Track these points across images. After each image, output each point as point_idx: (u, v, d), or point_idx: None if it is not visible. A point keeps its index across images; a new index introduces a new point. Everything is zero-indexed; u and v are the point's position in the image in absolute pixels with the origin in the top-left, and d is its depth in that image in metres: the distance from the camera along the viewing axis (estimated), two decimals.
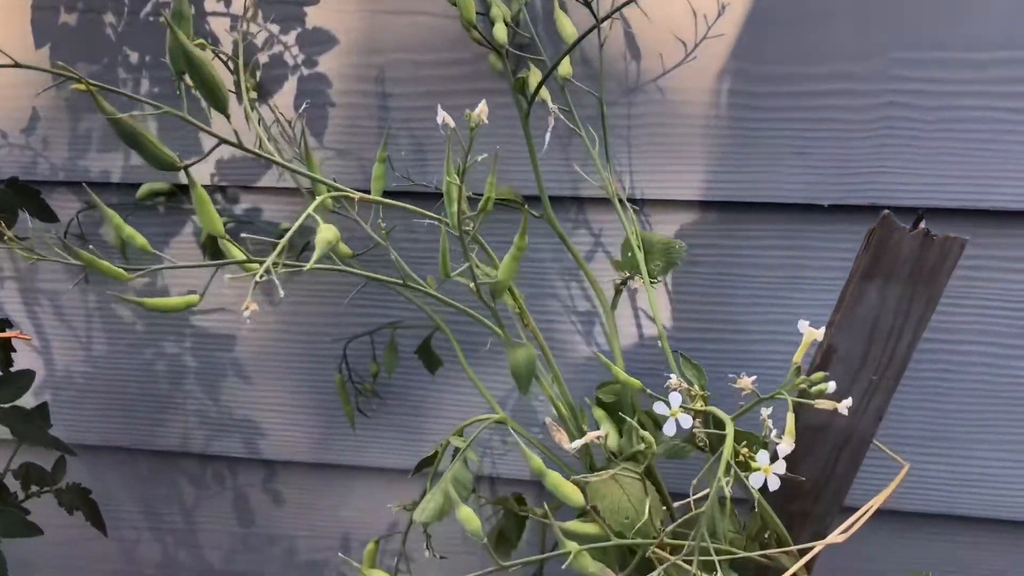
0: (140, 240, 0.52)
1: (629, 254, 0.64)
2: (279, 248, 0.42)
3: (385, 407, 0.88)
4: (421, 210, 0.54)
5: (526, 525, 0.72)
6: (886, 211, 0.54)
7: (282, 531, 0.96)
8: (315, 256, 0.44)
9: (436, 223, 0.50)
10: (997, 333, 0.76)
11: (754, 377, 0.44)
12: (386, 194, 0.79)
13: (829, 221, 0.76)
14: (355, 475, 0.93)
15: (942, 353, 0.77)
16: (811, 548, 0.50)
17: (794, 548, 0.51)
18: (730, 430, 0.43)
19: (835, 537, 0.49)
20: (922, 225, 0.55)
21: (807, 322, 0.45)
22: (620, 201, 0.68)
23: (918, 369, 0.78)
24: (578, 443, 0.51)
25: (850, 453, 0.62)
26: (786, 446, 0.43)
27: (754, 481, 0.43)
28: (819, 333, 0.45)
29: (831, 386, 0.42)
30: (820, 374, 0.43)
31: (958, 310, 0.76)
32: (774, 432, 0.44)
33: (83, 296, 0.91)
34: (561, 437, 0.59)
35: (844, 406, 0.44)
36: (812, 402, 0.44)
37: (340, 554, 0.90)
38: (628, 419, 0.51)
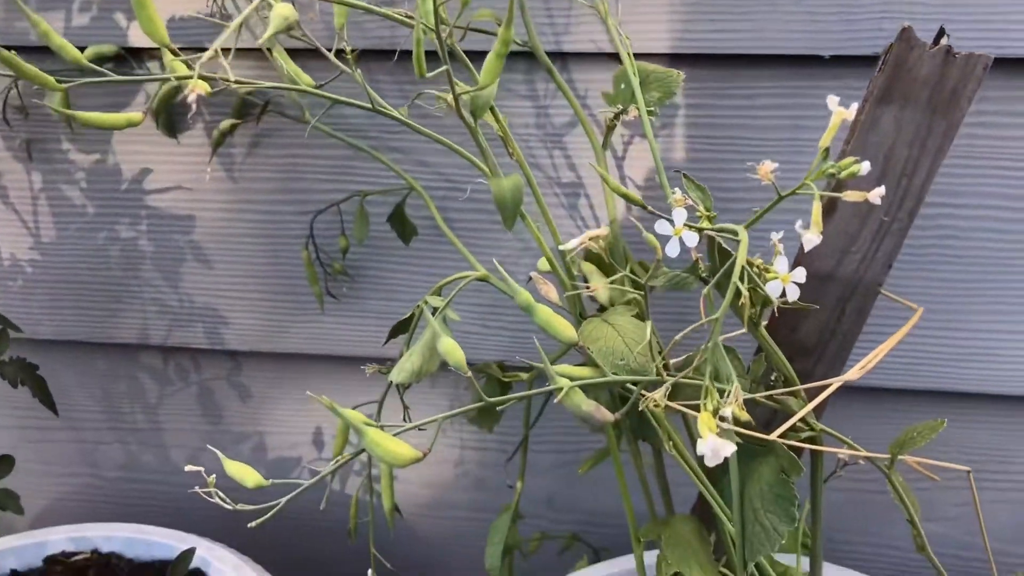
0: (72, 51, 0.46)
1: (623, 86, 0.58)
2: (240, 19, 0.37)
3: (356, 291, 0.83)
4: (390, 12, 0.48)
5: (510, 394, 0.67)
6: (906, 24, 0.49)
7: (250, 427, 0.92)
8: (268, 32, 0.38)
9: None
10: (1005, 196, 0.72)
11: (776, 165, 0.40)
12: (362, 52, 0.72)
13: (831, 75, 0.70)
14: (326, 365, 0.88)
15: (944, 218, 0.73)
16: (824, 388, 0.46)
17: (802, 388, 0.47)
18: (744, 237, 0.39)
19: (852, 374, 0.45)
20: (944, 41, 0.50)
21: (836, 98, 0.41)
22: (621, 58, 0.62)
23: (918, 236, 0.74)
24: (574, 242, 0.46)
25: (856, 305, 0.58)
26: (813, 236, 0.38)
27: (771, 289, 0.39)
28: (850, 112, 0.40)
29: (865, 166, 0.38)
30: (851, 158, 0.38)
31: (963, 171, 0.72)
32: (799, 223, 0.39)
33: (27, 176, 0.85)
34: (548, 290, 0.54)
35: (876, 194, 0.39)
36: (841, 195, 0.40)
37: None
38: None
